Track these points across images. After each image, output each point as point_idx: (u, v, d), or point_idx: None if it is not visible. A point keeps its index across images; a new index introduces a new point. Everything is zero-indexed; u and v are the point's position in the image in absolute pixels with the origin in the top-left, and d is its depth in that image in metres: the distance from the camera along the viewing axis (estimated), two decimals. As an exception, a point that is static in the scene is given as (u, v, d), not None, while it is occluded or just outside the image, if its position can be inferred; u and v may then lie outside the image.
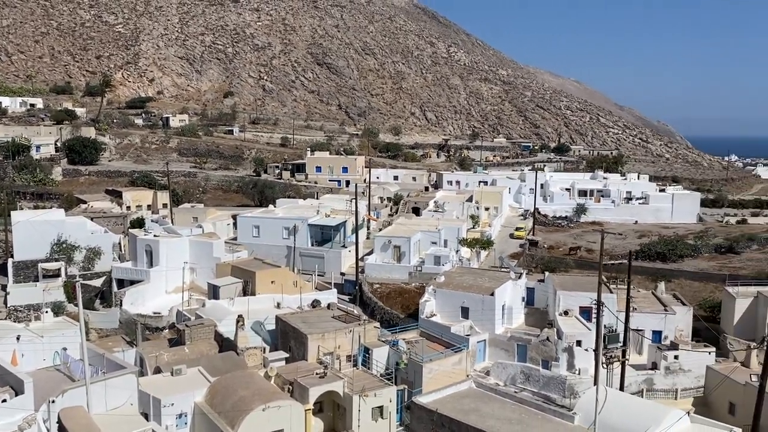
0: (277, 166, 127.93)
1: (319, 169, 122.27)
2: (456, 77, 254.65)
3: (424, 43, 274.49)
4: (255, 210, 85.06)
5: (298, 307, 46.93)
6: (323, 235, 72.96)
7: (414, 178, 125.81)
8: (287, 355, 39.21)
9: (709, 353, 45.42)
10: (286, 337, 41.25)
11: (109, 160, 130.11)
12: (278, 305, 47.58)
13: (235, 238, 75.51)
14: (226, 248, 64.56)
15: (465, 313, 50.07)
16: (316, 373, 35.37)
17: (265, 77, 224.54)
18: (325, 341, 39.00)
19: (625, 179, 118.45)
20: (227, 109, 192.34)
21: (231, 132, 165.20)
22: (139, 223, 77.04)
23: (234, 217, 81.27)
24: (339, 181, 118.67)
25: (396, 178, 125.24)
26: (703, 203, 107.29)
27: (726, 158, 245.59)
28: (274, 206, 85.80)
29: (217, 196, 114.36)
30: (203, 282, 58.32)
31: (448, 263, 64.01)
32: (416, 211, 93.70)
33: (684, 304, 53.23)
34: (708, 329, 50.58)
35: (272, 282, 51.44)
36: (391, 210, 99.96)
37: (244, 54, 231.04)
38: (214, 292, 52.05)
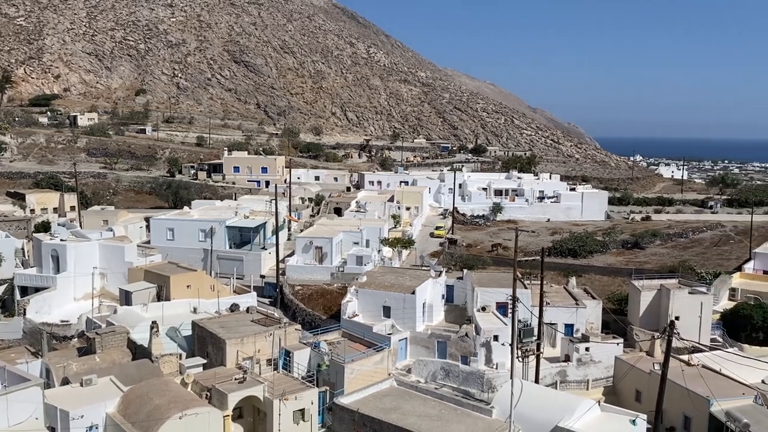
0: (192, 167, 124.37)
1: (237, 169, 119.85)
2: (376, 78, 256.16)
3: (343, 43, 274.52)
4: (169, 212, 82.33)
5: (216, 311, 45.81)
6: (242, 237, 71.53)
7: (336, 179, 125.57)
8: (205, 361, 38.15)
9: (618, 344, 47.76)
10: (204, 343, 40.13)
11: (11, 161, 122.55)
12: (195, 310, 46.28)
13: (148, 242, 72.77)
14: (139, 252, 62.12)
15: (387, 312, 50.42)
16: (235, 379, 34.64)
17: (180, 75, 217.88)
18: (245, 346, 38.22)
19: (538, 179, 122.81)
20: (139, 107, 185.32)
21: (143, 131, 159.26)
22: (45, 227, 73.05)
23: (147, 219, 78.40)
24: (258, 182, 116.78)
25: (317, 178, 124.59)
26: (611, 201, 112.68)
27: (631, 158, 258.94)
28: (190, 208, 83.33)
29: (129, 197, 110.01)
30: (114, 288, 55.91)
31: (370, 263, 64.24)
32: (338, 212, 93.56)
33: (594, 298, 55.71)
34: (616, 321, 53.20)
35: (188, 286, 49.93)
36: (312, 211, 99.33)
37: (157, 51, 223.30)
38: (126, 298, 49.98)
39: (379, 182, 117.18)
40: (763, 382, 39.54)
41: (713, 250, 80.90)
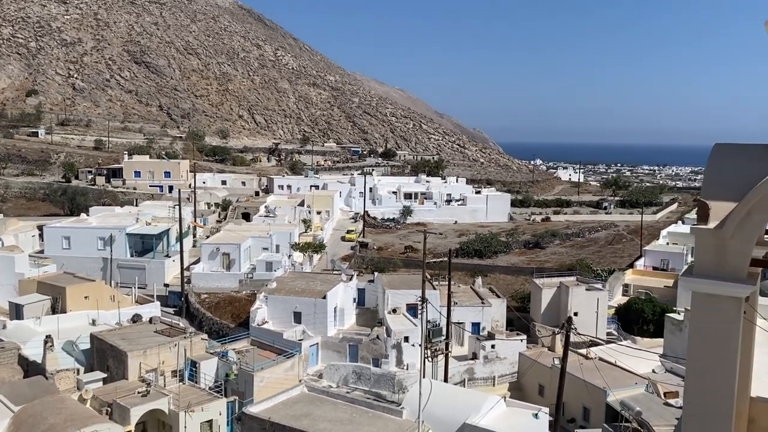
0: (90, 171, 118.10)
1: (138, 174, 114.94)
2: (284, 81, 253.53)
3: (250, 45, 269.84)
4: (65, 219, 77.82)
5: (117, 323, 43.74)
6: (144, 245, 68.74)
7: (244, 183, 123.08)
8: (105, 376, 36.30)
9: (521, 341, 49.68)
10: (104, 356, 38.18)
11: None
12: (93, 322, 44.00)
13: (41, 251, 68.46)
14: (31, 262, 58.34)
15: (298, 317, 49.96)
16: (138, 392, 33.20)
17: (76, 75, 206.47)
18: (148, 358, 36.69)
19: (446, 182, 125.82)
20: (30, 108, 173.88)
21: (36, 134, 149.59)
22: None
23: (40, 227, 73.73)
24: (161, 187, 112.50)
25: (224, 182, 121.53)
26: (513, 203, 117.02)
27: (532, 162, 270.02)
28: (88, 215, 79.14)
29: (20, 205, 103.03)
30: (4, 301, 52.14)
31: (281, 269, 63.45)
32: (246, 217, 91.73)
33: (499, 297, 57.69)
34: (520, 318, 55.32)
35: (86, 297, 47.35)
36: (219, 216, 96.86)
37: (50, 49, 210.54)
38: (17, 312, 46.74)
39: (289, 186, 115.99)
40: (653, 371, 42.27)
41: (608, 249, 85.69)
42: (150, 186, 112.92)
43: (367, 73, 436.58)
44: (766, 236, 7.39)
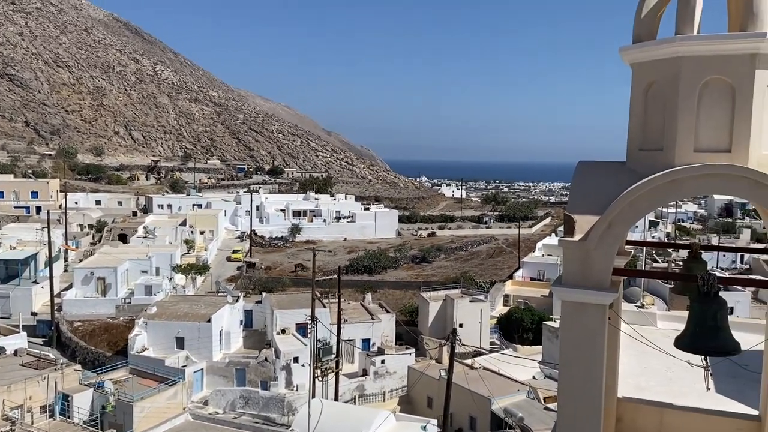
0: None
1: (0, 194, 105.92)
2: (164, 96, 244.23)
3: (126, 58, 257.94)
4: None
5: (-25, 357, 39.79)
6: (8, 271, 63.23)
7: (120, 203, 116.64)
8: (-40, 418, 32.84)
9: (410, 354, 50.44)
10: (-41, 396, 34.54)
11: None
12: (-53, 358, 39.76)
13: None
14: None
15: (180, 343, 47.80)
16: (0, 433, 30.36)
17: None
18: (12, 393, 33.66)
19: (335, 200, 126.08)
20: None
21: None
22: None
23: None
24: (27, 208, 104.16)
25: (99, 202, 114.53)
26: (401, 219, 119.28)
27: (417, 179, 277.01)
28: (-59, 240, 71.67)
29: None
30: None
31: (161, 292, 60.58)
32: (123, 238, 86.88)
33: (388, 312, 58.33)
34: (408, 332, 56.20)
35: (-62, 331, 42.81)
36: (93, 238, 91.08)
37: None
38: None
39: (170, 205, 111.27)
40: (534, 377, 44.35)
41: (489, 261, 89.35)
42: (15, 207, 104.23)
43: (252, 90, 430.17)
44: (627, 247, 7.99)
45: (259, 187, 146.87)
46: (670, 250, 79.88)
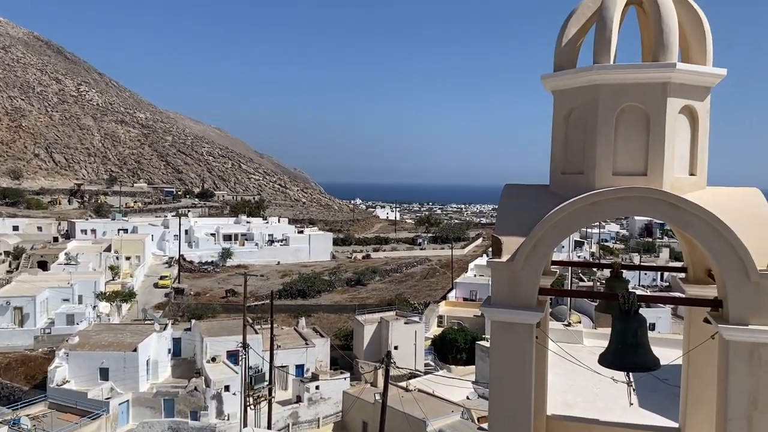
0: None
1: None
2: (88, 118, 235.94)
3: (48, 78, 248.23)
4: None
5: None
6: None
7: (40, 228, 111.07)
8: None
9: (345, 379, 49.95)
10: None
11: None
12: None
13: None
14: None
15: (104, 374, 45.71)
16: None
17: None
18: None
19: (267, 223, 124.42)
20: None
21: None
22: None
23: None
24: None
25: (16, 228, 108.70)
26: (335, 242, 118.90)
27: (352, 201, 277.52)
28: None
29: None
30: None
31: (84, 321, 57.86)
32: (43, 266, 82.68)
33: (323, 336, 57.76)
34: (343, 357, 55.72)
35: None
36: (10, 266, 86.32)
37: None
38: None
39: (94, 231, 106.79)
40: (467, 398, 44.72)
41: (423, 282, 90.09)
42: None
43: (182, 111, 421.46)
44: (552, 267, 8.22)
45: (189, 211, 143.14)
46: (594, 269, 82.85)
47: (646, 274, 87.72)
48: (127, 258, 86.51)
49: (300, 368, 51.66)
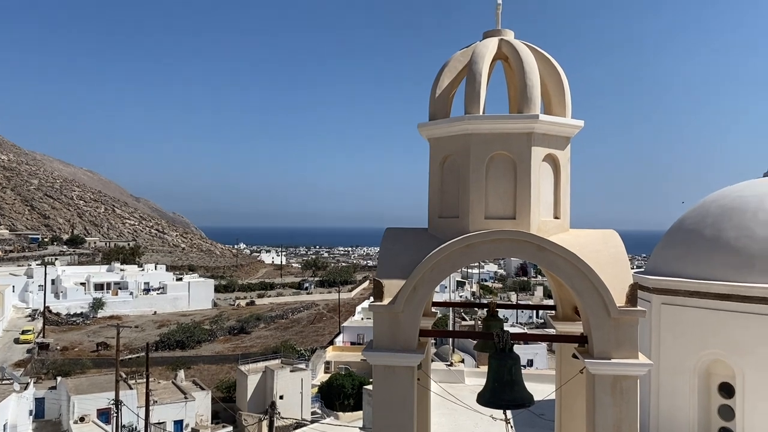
0: None
1: None
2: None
3: None
4: None
5: None
6: None
7: None
8: None
9: (227, 433, 47.74)
10: None
11: None
12: None
13: None
14: None
15: (-50, 444, 40.72)
16: None
17: None
18: None
19: (143, 270, 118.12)
20: None
21: None
22: None
23: None
24: None
25: None
26: (217, 289, 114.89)
27: (235, 246, 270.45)
28: None
29: None
30: None
31: (-74, 385, 51.47)
32: None
33: (203, 389, 55.02)
34: (226, 409, 53.33)
35: None
36: None
37: None
38: None
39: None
40: (354, 443, 44.11)
41: (310, 328, 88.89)
42: None
43: (49, 153, 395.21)
44: (433, 308, 8.41)
45: (56, 259, 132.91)
46: (475, 308, 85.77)
47: (522, 312, 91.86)
48: (-18, 312, 78.61)
49: (179, 424, 48.74)
